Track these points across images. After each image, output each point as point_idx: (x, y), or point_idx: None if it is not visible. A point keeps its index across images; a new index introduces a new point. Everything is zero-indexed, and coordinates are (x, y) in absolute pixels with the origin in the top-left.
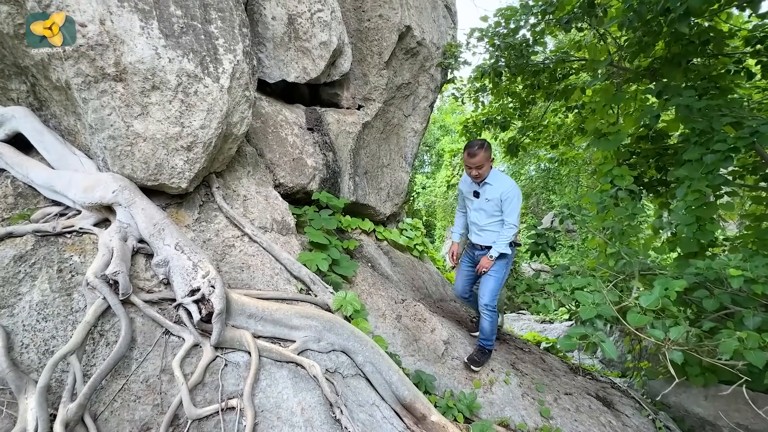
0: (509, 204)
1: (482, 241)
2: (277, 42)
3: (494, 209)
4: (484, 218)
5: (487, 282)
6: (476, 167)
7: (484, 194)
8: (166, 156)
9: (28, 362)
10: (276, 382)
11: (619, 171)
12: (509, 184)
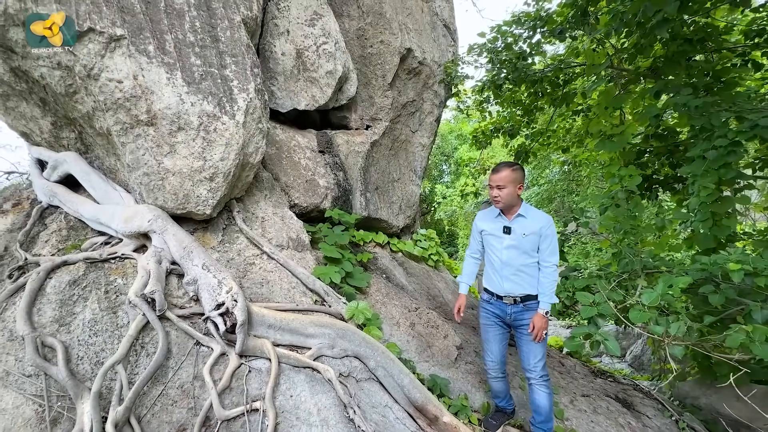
0: (551, 241)
1: (517, 290)
2: (287, 75)
3: (531, 247)
4: (518, 258)
5: (534, 348)
6: (497, 186)
7: (519, 229)
8: (192, 187)
9: (83, 372)
10: (294, 386)
11: (626, 171)
12: (547, 218)
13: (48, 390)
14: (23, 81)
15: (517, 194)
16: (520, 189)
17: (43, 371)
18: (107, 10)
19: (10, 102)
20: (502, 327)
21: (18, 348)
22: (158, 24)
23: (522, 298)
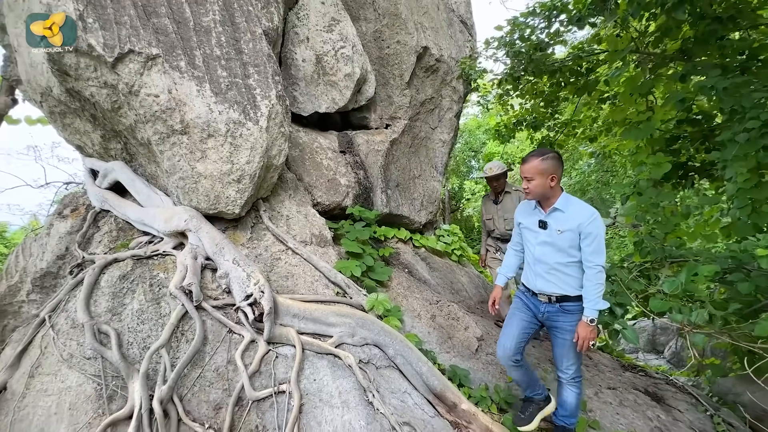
0: (593, 240)
1: (550, 288)
2: (308, 80)
3: (568, 244)
4: (553, 256)
5: (568, 351)
6: (526, 178)
7: (554, 224)
8: (222, 189)
9: (132, 355)
10: (317, 371)
11: (654, 159)
12: (590, 212)
13: (104, 371)
14: (77, 100)
15: (549, 186)
16: (554, 180)
17: (99, 354)
18: (144, 33)
19: (67, 119)
20: (532, 319)
21: (79, 334)
22: (188, 41)
23: (558, 298)
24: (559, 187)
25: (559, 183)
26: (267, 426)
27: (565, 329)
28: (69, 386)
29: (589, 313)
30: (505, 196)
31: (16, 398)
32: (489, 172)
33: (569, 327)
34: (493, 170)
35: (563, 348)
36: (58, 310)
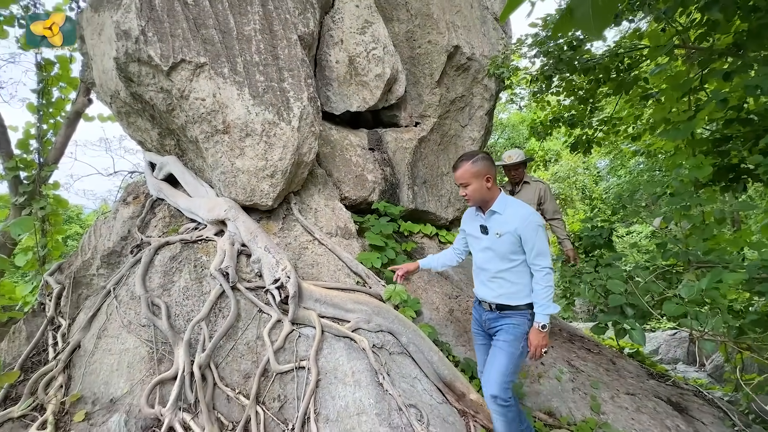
0: (533, 239)
1: (492, 296)
2: (341, 80)
3: (510, 249)
4: (494, 263)
5: (495, 359)
6: (461, 185)
7: (493, 228)
8: (257, 183)
9: (178, 326)
10: (334, 351)
11: (694, 161)
12: (526, 213)
13: (155, 337)
14: (139, 102)
15: (486, 188)
16: (489, 181)
17: (152, 323)
18: (194, 43)
19: (131, 118)
20: (486, 337)
21: (136, 305)
22: (231, 50)
23: (500, 307)
24: (497, 189)
25: (495, 184)
26: (288, 396)
27: (501, 330)
28: (128, 348)
29: (540, 319)
30: (523, 186)
31: (87, 355)
32: (508, 160)
33: (505, 328)
34: (512, 158)
35: (494, 353)
36: (121, 284)
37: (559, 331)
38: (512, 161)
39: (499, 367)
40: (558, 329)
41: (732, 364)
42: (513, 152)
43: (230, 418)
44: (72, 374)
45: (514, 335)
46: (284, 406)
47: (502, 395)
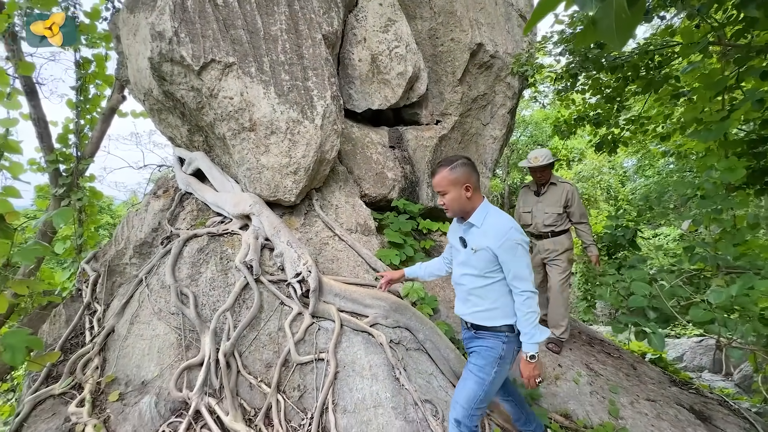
0: (510, 260)
1: (468, 314)
2: (363, 78)
3: (483, 266)
4: (470, 279)
5: (464, 384)
6: (439, 193)
7: (470, 242)
8: (281, 179)
9: (205, 315)
10: (352, 345)
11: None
12: (503, 229)
13: (184, 325)
14: (170, 100)
15: (466, 197)
16: (469, 190)
17: (181, 311)
18: (224, 44)
19: (162, 115)
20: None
21: (166, 293)
22: (258, 49)
23: (474, 327)
24: (479, 197)
25: (476, 192)
26: (307, 386)
27: (474, 353)
28: (158, 334)
29: (527, 349)
30: (549, 188)
31: (121, 339)
32: (534, 162)
33: (477, 350)
34: (538, 160)
35: (464, 375)
36: (152, 273)
37: (578, 334)
38: (538, 163)
39: (467, 394)
40: (577, 332)
41: (762, 373)
42: (539, 153)
43: (252, 405)
44: (107, 357)
45: (486, 360)
46: (304, 396)
47: (466, 423)
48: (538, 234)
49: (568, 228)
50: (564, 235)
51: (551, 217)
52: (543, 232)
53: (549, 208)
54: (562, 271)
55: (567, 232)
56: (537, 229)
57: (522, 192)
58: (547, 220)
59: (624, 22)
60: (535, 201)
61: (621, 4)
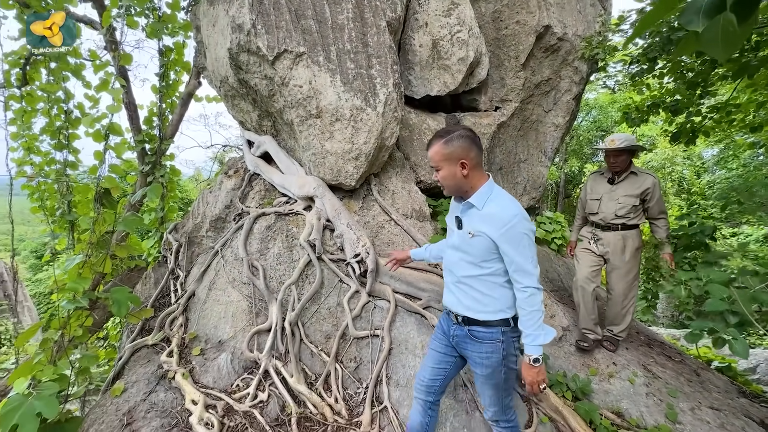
0: (513, 251)
1: (456, 305)
2: (423, 64)
3: (480, 254)
4: (461, 266)
5: (483, 391)
6: (433, 168)
7: (467, 224)
8: (343, 164)
9: (272, 287)
10: (406, 325)
11: None
12: (508, 215)
13: (254, 294)
14: (244, 87)
15: (462, 175)
16: (465, 167)
17: (251, 282)
18: (295, 34)
19: (235, 101)
20: (446, 347)
21: (239, 265)
22: (326, 39)
23: (464, 320)
24: (482, 175)
25: (476, 170)
26: (363, 359)
27: (475, 361)
28: (232, 300)
29: (530, 352)
30: (627, 178)
31: (201, 302)
32: (610, 145)
33: (478, 359)
34: (614, 143)
35: (478, 383)
36: (226, 246)
37: (636, 334)
38: (614, 146)
39: (490, 399)
40: (635, 332)
41: None
42: (618, 136)
43: (313, 371)
44: (189, 316)
45: (490, 367)
46: (359, 367)
47: (502, 418)
48: (604, 225)
49: (639, 224)
50: (635, 230)
51: (625, 208)
52: (612, 223)
53: (624, 198)
54: (628, 270)
55: (638, 228)
56: (604, 219)
57: (591, 177)
58: (620, 211)
59: (730, 35)
60: (607, 188)
61: (729, 20)
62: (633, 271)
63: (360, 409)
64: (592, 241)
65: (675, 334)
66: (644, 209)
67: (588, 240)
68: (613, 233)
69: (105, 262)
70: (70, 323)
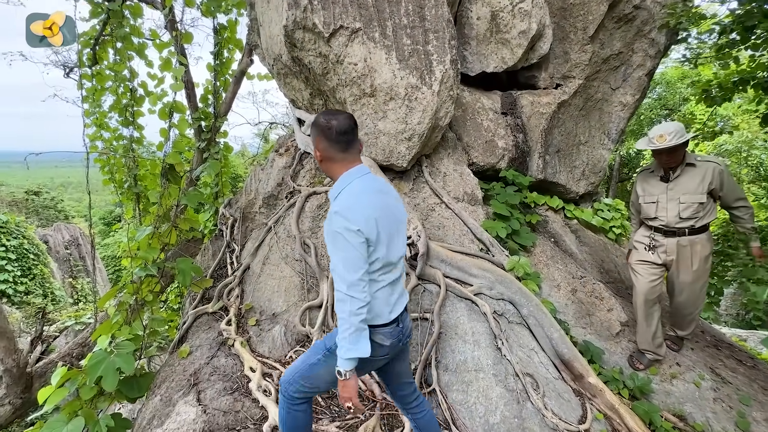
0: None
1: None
2: (480, 38)
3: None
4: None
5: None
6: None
7: None
8: (395, 145)
9: (323, 264)
10: (456, 310)
11: None
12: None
13: (306, 270)
14: (297, 65)
15: (318, 161)
16: (319, 155)
17: (303, 258)
18: (351, 10)
19: (288, 79)
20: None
21: (291, 242)
22: (382, 13)
23: None
24: (340, 166)
25: (331, 161)
26: (412, 341)
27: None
28: (285, 275)
29: (337, 364)
30: (686, 170)
31: (255, 276)
32: (659, 143)
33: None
34: (665, 139)
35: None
36: (279, 223)
37: (701, 333)
38: (665, 144)
39: (296, 364)
40: (700, 331)
41: None
42: (666, 129)
43: None
44: (244, 288)
45: (320, 344)
46: None
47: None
48: (668, 229)
49: (709, 223)
50: (705, 234)
51: (690, 208)
52: (678, 227)
53: (687, 196)
54: (696, 279)
55: (707, 231)
56: (668, 224)
57: (640, 178)
58: (685, 212)
59: None
60: (663, 188)
61: None
62: (702, 279)
63: None
64: (650, 248)
65: (741, 334)
66: (715, 200)
67: (645, 247)
68: (678, 239)
69: (171, 234)
70: (141, 289)
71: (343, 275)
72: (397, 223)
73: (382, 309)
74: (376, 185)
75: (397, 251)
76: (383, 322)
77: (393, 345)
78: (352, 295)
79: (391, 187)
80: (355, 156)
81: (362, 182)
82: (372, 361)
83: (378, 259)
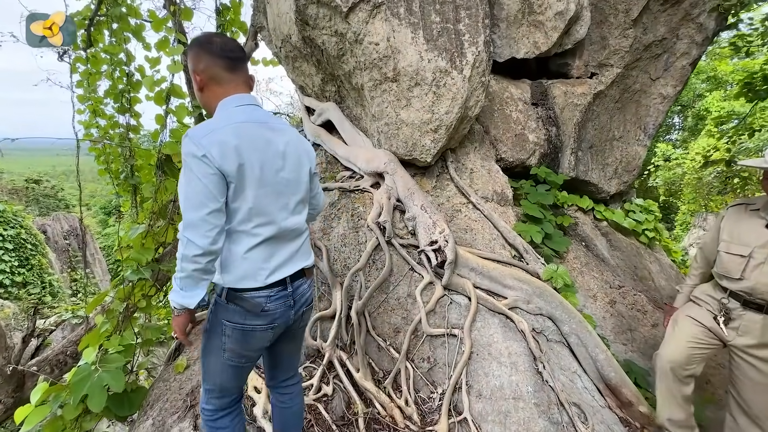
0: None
1: None
2: (511, 20)
3: None
4: None
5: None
6: None
7: None
8: (419, 137)
9: (336, 270)
10: (489, 326)
11: None
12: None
13: (316, 276)
14: (308, 46)
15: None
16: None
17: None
18: None
19: (297, 62)
20: None
21: None
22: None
23: None
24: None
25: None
26: (437, 360)
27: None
28: None
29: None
30: None
31: None
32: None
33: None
34: None
35: None
36: None
37: None
38: None
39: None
40: None
41: None
42: None
43: (381, 366)
44: None
45: (205, 326)
46: (433, 369)
47: (202, 402)
48: (753, 302)
49: None
50: None
51: None
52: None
53: None
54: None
55: None
56: (754, 292)
57: (731, 216)
58: None
59: None
60: (765, 237)
61: None
62: None
63: (434, 417)
64: (721, 317)
65: None
66: None
67: (711, 312)
68: (765, 317)
69: (167, 232)
70: (134, 293)
71: (186, 206)
72: (284, 165)
73: (255, 270)
74: (256, 115)
75: (284, 203)
76: (255, 286)
77: (280, 315)
78: (189, 238)
79: (288, 126)
80: (243, 81)
81: (241, 111)
82: (253, 334)
83: (243, 205)
